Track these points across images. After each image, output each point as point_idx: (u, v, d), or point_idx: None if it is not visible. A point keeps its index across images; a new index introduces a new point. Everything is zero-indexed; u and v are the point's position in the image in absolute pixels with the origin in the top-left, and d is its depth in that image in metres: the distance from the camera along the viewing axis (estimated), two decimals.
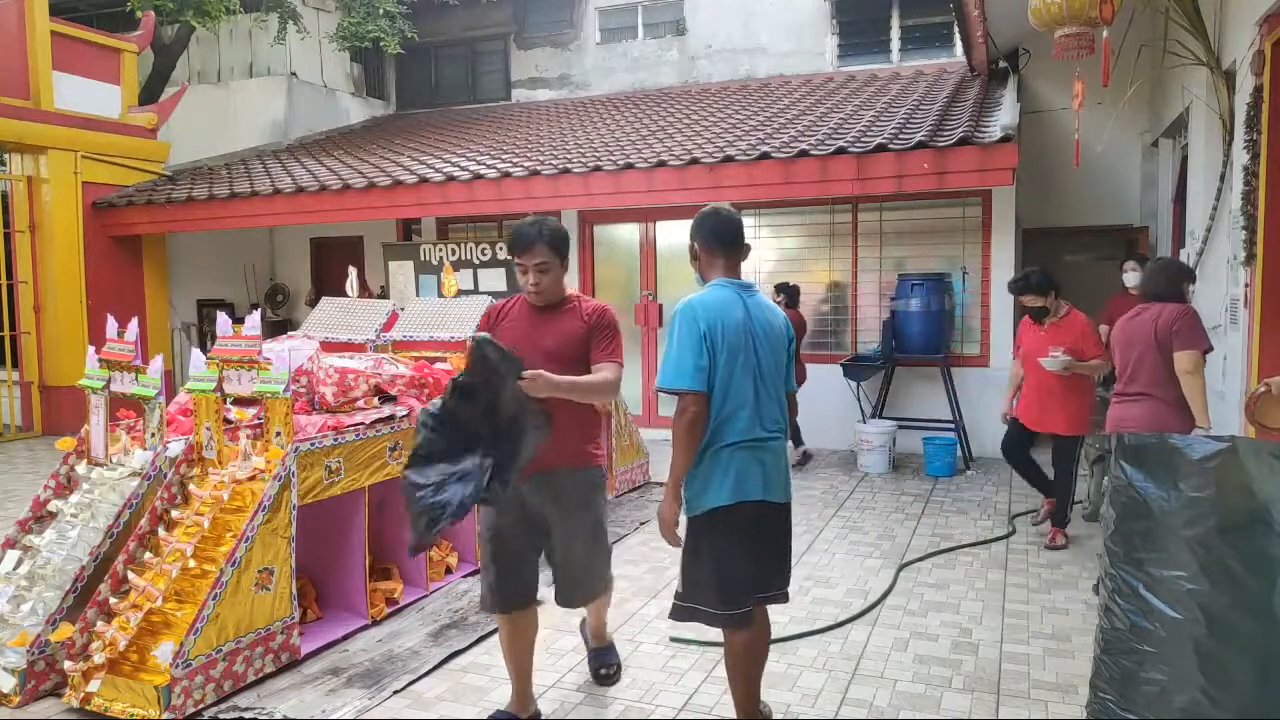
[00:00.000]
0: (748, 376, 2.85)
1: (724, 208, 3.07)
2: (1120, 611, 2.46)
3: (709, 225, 3.01)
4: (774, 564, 2.99)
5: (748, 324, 2.88)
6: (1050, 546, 5.23)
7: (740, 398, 2.84)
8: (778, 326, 2.98)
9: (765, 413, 2.89)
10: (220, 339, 3.90)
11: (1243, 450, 2.32)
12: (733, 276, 2.99)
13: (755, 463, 2.85)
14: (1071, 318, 5.29)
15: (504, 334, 3.07)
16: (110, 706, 3.28)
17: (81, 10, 12.59)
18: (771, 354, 2.93)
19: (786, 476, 2.98)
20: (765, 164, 7.46)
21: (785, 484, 2.98)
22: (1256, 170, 5.04)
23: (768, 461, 2.89)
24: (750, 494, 2.84)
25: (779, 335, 2.97)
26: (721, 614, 2.87)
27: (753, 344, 2.88)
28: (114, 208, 9.98)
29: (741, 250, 3.03)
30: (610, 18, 12.84)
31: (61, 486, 4.10)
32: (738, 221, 3.04)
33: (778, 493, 2.92)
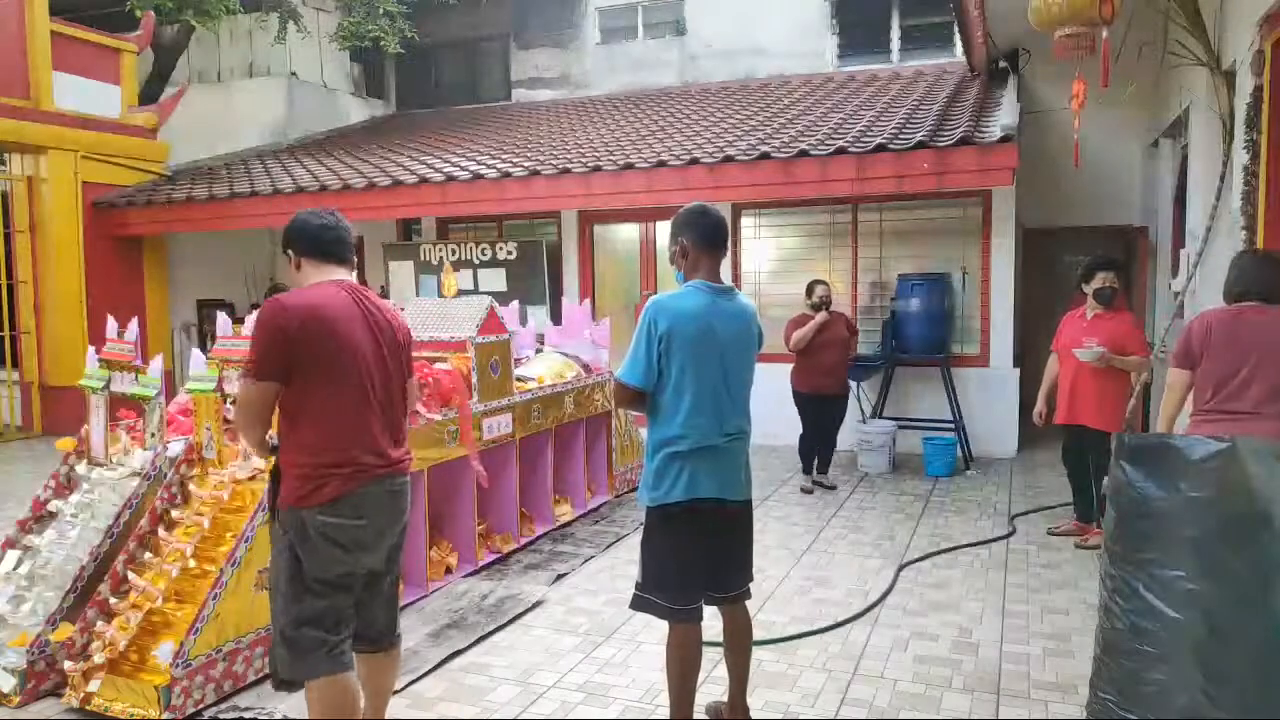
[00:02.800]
0: (708, 382, 2.87)
1: (712, 207, 3.07)
2: (1120, 611, 2.46)
3: (700, 225, 3.00)
4: (732, 562, 3.04)
5: (714, 329, 2.89)
6: (1081, 545, 5.22)
7: (698, 402, 2.86)
8: (748, 332, 3.00)
9: (726, 417, 2.92)
10: (220, 339, 3.90)
11: (1243, 450, 2.32)
12: (713, 278, 2.98)
13: (711, 464, 2.90)
14: (1120, 313, 5.28)
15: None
16: (110, 706, 3.28)
17: (81, 10, 12.56)
18: (738, 359, 2.96)
19: (745, 475, 3.03)
20: (765, 164, 7.46)
21: (744, 483, 3.02)
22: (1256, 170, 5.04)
23: (724, 463, 2.93)
24: (703, 492, 2.90)
25: (748, 340, 3.00)
26: (669, 607, 2.94)
27: (718, 350, 2.89)
28: (114, 208, 9.98)
29: (724, 252, 3.05)
30: (610, 18, 12.84)
31: (61, 486, 4.10)
32: (724, 222, 3.07)
33: (735, 492, 2.97)
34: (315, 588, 2.64)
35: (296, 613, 2.63)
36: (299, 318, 2.59)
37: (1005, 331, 7.92)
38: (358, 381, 2.68)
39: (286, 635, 2.64)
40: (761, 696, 3.46)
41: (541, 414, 5.61)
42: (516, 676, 3.67)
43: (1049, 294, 9.37)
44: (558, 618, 4.30)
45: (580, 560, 5.12)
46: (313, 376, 2.61)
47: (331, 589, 2.67)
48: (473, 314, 5.12)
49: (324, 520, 2.61)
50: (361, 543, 2.69)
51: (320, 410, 2.63)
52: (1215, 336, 3.55)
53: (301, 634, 2.63)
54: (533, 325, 6.65)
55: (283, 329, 2.57)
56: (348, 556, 2.67)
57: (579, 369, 6.25)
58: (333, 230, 2.85)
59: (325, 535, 2.62)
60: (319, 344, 2.60)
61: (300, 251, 2.84)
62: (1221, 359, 3.52)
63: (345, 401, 2.66)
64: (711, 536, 2.97)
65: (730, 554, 3.05)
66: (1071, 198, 9.08)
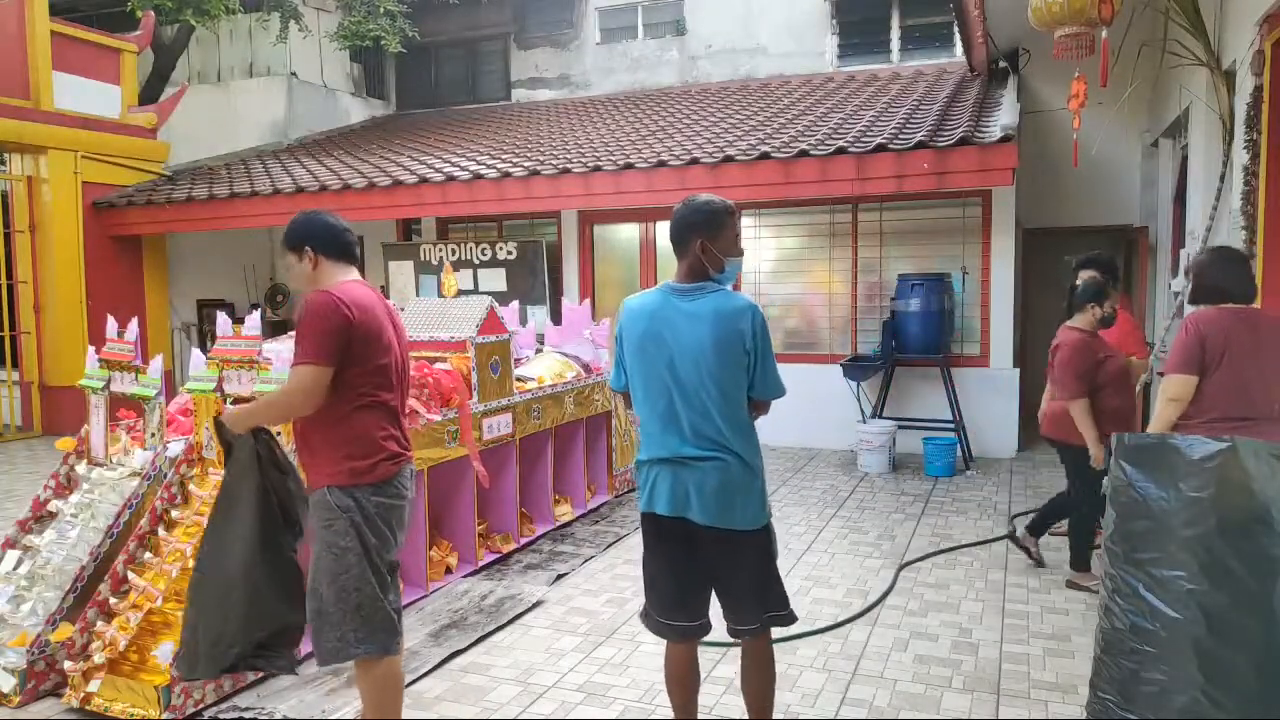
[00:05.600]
0: (656, 388, 2.69)
1: (691, 200, 2.80)
2: (1120, 611, 2.46)
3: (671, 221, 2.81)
4: (721, 592, 2.77)
5: (660, 333, 2.68)
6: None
7: (649, 409, 2.73)
8: (708, 335, 2.62)
9: (685, 430, 2.65)
10: (220, 339, 3.90)
11: (1243, 450, 2.32)
12: (680, 277, 2.76)
13: (671, 478, 2.67)
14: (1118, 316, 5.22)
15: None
16: (110, 706, 3.28)
17: (81, 10, 12.58)
18: (694, 366, 2.63)
19: (722, 498, 2.64)
20: (765, 164, 7.46)
21: (718, 508, 2.64)
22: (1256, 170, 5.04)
23: (689, 480, 2.65)
24: (659, 507, 2.71)
25: (706, 345, 2.62)
26: (653, 617, 2.87)
27: (665, 355, 2.66)
28: (114, 208, 9.98)
29: (682, 250, 2.77)
30: (610, 18, 12.84)
31: (61, 486, 4.10)
32: (681, 219, 2.77)
33: (703, 514, 2.65)
34: (380, 567, 2.78)
35: (377, 584, 2.75)
36: (357, 308, 2.73)
37: (1005, 331, 7.92)
38: (391, 372, 2.85)
39: (364, 610, 2.73)
40: None
41: (541, 414, 5.61)
42: (516, 676, 3.67)
43: (1049, 294, 9.38)
44: (557, 618, 4.30)
45: (580, 560, 5.12)
46: (365, 364, 2.75)
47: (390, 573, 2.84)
48: (473, 314, 5.12)
49: (378, 500, 2.77)
50: (402, 522, 2.89)
51: (369, 397, 2.78)
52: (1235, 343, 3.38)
53: (380, 608, 2.75)
54: (533, 325, 6.66)
55: (346, 317, 2.69)
56: (393, 538, 2.85)
57: (579, 369, 6.25)
58: (347, 232, 2.97)
59: (380, 515, 2.78)
60: (370, 335, 2.76)
61: (320, 249, 2.87)
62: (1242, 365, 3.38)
63: (386, 390, 2.84)
64: (679, 557, 2.74)
65: (706, 581, 2.77)
66: (1071, 198, 9.08)
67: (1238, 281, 3.50)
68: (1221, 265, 3.55)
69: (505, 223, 10.02)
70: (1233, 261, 3.58)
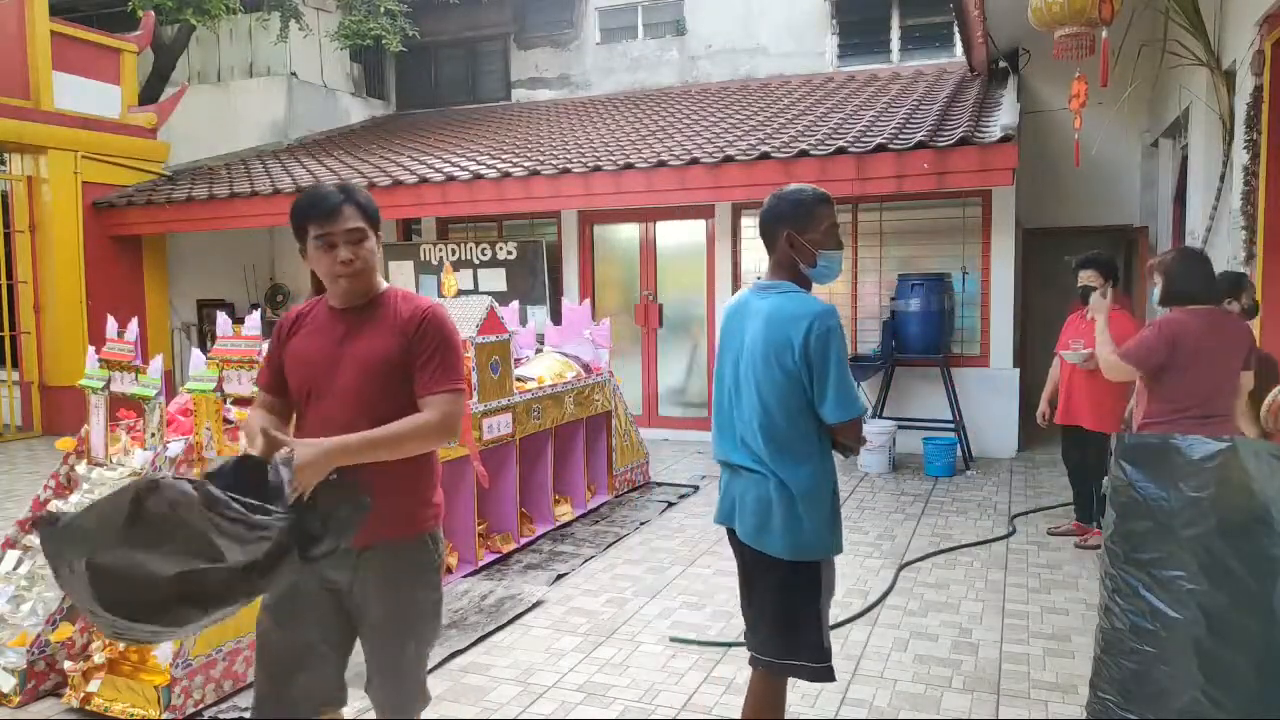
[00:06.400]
0: (722, 390, 2.60)
1: (780, 191, 2.60)
2: (1120, 611, 2.46)
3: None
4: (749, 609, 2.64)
5: (732, 332, 2.60)
6: (1081, 545, 5.22)
7: (716, 408, 2.63)
8: (764, 338, 2.45)
9: (739, 435, 2.52)
10: (220, 339, 3.90)
11: (1243, 450, 2.32)
12: (770, 275, 2.62)
13: (727, 482, 2.60)
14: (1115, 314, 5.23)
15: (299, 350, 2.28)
16: (110, 706, 3.28)
17: (81, 10, 12.58)
18: (749, 370, 2.47)
19: (757, 516, 2.46)
20: (765, 164, 7.46)
21: (752, 523, 2.47)
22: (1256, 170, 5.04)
23: (736, 488, 2.55)
24: (719, 517, 2.63)
25: (762, 348, 2.45)
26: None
27: (733, 356, 2.57)
28: (114, 208, 9.98)
29: (770, 244, 2.59)
30: (610, 18, 12.84)
31: (61, 486, 4.10)
32: (768, 210, 2.59)
33: (744, 532, 2.51)
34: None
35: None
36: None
37: (1005, 331, 7.92)
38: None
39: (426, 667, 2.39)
40: None
41: (541, 414, 5.61)
42: (516, 676, 3.67)
43: (1049, 294, 9.38)
44: (557, 618, 4.30)
45: (580, 560, 5.12)
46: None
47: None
48: (473, 314, 5.13)
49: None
50: None
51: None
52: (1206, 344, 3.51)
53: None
54: (533, 325, 6.66)
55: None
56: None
57: (579, 369, 6.25)
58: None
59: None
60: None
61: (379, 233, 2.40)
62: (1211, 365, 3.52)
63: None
64: (738, 564, 2.64)
65: (748, 598, 2.63)
66: (1071, 198, 9.08)
67: (1205, 283, 3.61)
68: (1189, 267, 3.63)
69: (505, 223, 10.02)
70: (1199, 263, 3.67)
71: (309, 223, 2.24)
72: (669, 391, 9.21)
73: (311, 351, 2.27)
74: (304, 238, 2.27)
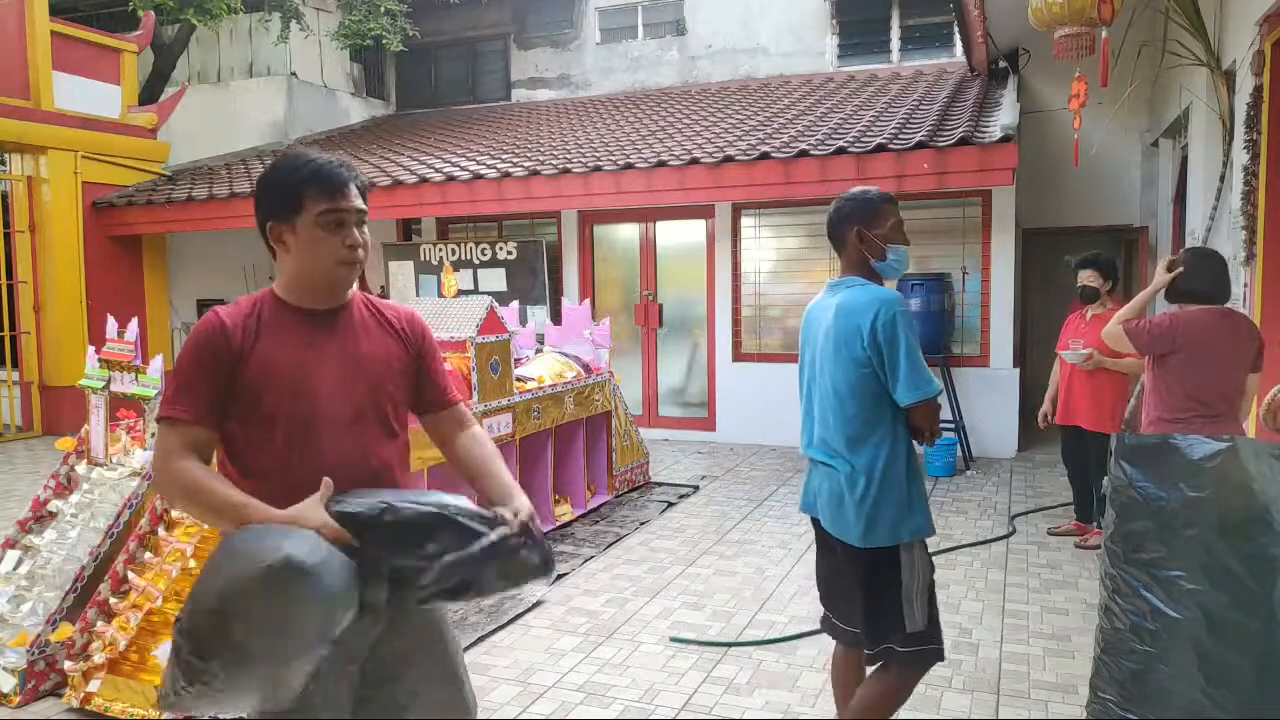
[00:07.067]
0: (803, 385, 2.73)
1: (845, 193, 2.70)
2: (1120, 611, 2.46)
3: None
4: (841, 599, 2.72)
5: (807, 329, 2.72)
6: (1081, 545, 5.23)
7: (802, 406, 2.74)
8: (832, 329, 2.55)
9: (816, 430, 2.65)
10: None
11: (1243, 450, 2.32)
12: (840, 274, 2.69)
13: (809, 477, 2.73)
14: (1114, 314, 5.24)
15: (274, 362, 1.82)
16: (110, 706, 3.28)
17: (81, 10, 12.58)
18: (818, 365, 2.60)
19: (833, 506, 2.57)
20: (765, 164, 7.46)
21: (830, 513, 2.59)
22: (1256, 170, 5.04)
23: (814, 480, 2.68)
24: (804, 506, 2.77)
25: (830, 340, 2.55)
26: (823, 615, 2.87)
27: (809, 352, 2.69)
28: (114, 208, 9.98)
29: (839, 244, 2.67)
30: (610, 18, 12.83)
31: (61, 486, 4.10)
32: (835, 211, 2.67)
33: (829, 522, 2.61)
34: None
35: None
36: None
37: (1005, 331, 7.92)
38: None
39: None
40: (762, 696, 3.47)
41: (541, 414, 5.61)
42: (516, 676, 3.67)
43: (1049, 294, 9.38)
44: (557, 618, 4.30)
45: (580, 560, 5.12)
46: None
47: None
48: (473, 314, 5.13)
49: None
50: None
51: None
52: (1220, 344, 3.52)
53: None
54: (533, 325, 6.66)
55: None
56: None
57: (579, 369, 6.25)
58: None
59: None
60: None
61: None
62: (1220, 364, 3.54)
63: None
64: (821, 553, 2.78)
65: (835, 587, 2.73)
66: (1071, 198, 9.08)
67: (1217, 283, 3.61)
68: (1201, 267, 3.64)
69: (505, 223, 10.02)
70: (1212, 262, 3.67)
71: (309, 196, 1.82)
72: (669, 391, 9.21)
73: (296, 363, 1.83)
74: (292, 215, 1.84)
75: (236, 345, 1.81)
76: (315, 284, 1.90)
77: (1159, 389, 3.67)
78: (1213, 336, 3.52)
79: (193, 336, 1.83)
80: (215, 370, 1.79)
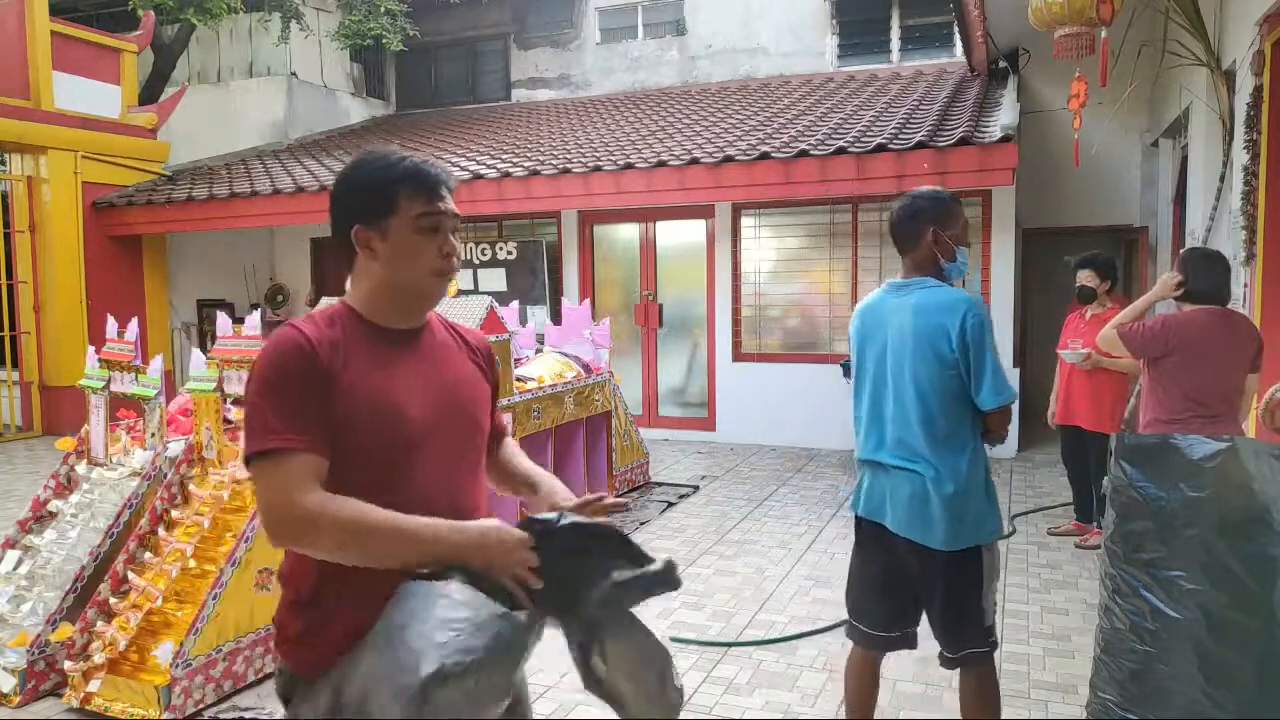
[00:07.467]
0: (867, 386, 2.65)
1: (922, 192, 2.67)
2: (1120, 611, 2.46)
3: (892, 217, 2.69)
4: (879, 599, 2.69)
5: (875, 329, 2.63)
6: (1081, 545, 5.24)
7: (860, 409, 2.68)
8: (915, 329, 2.51)
9: (889, 433, 2.58)
10: (220, 339, 3.90)
11: (1243, 450, 2.32)
12: (902, 273, 2.66)
13: (874, 482, 2.65)
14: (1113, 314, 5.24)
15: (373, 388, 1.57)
16: (110, 706, 3.28)
17: (81, 10, 12.58)
18: (895, 366, 2.55)
19: (913, 510, 2.53)
20: (765, 164, 7.46)
21: (908, 517, 2.53)
22: (1256, 170, 5.04)
23: (886, 485, 2.60)
24: (864, 510, 2.68)
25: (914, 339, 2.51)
26: (847, 619, 2.82)
27: (878, 351, 2.61)
28: (114, 208, 9.98)
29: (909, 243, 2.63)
30: (610, 18, 12.84)
31: (61, 486, 4.10)
32: (902, 209, 2.64)
33: (898, 523, 2.56)
34: None
35: None
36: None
37: (1005, 331, 7.91)
38: None
39: None
40: (762, 696, 3.46)
41: (541, 414, 5.61)
42: None
43: (1049, 294, 9.38)
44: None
45: None
46: None
47: None
48: (473, 314, 5.12)
49: None
50: None
51: None
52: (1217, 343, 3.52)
53: None
54: (533, 325, 6.65)
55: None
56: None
57: (579, 369, 6.25)
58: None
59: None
60: None
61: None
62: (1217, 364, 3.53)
63: None
64: (877, 564, 2.67)
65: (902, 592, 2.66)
66: (1071, 198, 9.08)
67: (1217, 284, 3.61)
68: (1201, 267, 3.63)
69: (505, 223, 10.02)
70: (1210, 263, 3.67)
71: (404, 196, 1.59)
72: (669, 391, 9.21)
73: (385, 390, 1.58)
74: (384, 218, 1.59)
75: (324, 366, 1.53)
76: (405, 297, 1.65)
77: (1155, 390, 3.67)
78: (1207, 337, 3.52)
79: (274, 355, 1.54)
80: (313, 392, 1.51)
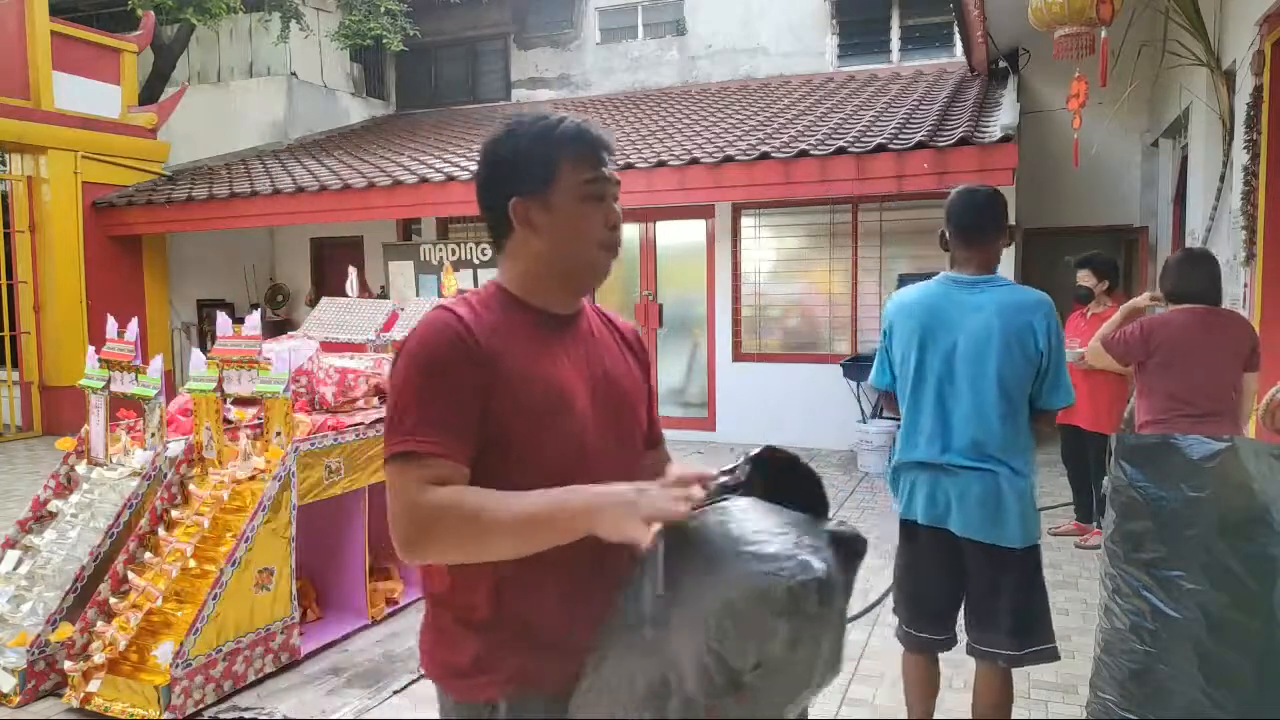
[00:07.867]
0: (930, 388, 2.56)
1: (975, 187, 2.68)
2: (1120, 611, 2.46)
3: (950, 210, 2.65)
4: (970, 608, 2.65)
5: (935, 327, 2.56)
6: (1081, 545, 5.25)
7: (919, 409, 2.58)
8: (989, 329, 2.49)
9: (954, 433, 2.52)
10: (220, 339, 3.90)
11: (1243, 450, 2.32)
12: (966, 268, 2.63)
13: (934, 486, 2.57)
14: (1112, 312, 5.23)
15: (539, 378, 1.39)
16: (110, 706, 3.28)
17: (81, 10, 12.58)
18: (973, 364, 2.49)
19: (985, 510, 2.50)
20: (765, 164, 7.46)
21: (980, 518, 2.50)
22: (1256, 170, 5.04)
23: (950, 488, 2.54)
24: (917, 515, 2.62)
25: (987, 339, 2.49)
26: (900, 628, 2.79)
27: (941, 350, 2.54)
28: (114, 208, 9.98)
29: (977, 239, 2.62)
30: (610, 18, 12.84)
31: (61, 486, 4.10)
32: (979, 204, 2.62)
33: (967, 527, 2.52)
34: None
35: None
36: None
37: None
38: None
39: None
40: None
41: None
42: None
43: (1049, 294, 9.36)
44: None
45: None
46: None
47: None
48: None
49: None
50: None
51: None
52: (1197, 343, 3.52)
53: None
54: None
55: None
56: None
57: None
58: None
59: None
60: None
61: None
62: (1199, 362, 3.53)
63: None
64: (933, 569, 2.64)
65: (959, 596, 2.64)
66: (1071, 198, 9.08)
67: (1199, 283, 3.59)
68: (1181, 270, 3.64)
69: None
70: (1194, 263, 3.67)
71: (568, 160, 1.41)
72: (669, 391, 9.21)
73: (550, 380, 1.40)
74: (545, 186, 1.41)
75: (483, 353, 1.34)
76: (569, 274, 1.46)
77: (1144, 393, 3.68)
78: (1186, 336, 3.52)
79: (425, 339, 1.35)
80: (467, 385, 1.32)
